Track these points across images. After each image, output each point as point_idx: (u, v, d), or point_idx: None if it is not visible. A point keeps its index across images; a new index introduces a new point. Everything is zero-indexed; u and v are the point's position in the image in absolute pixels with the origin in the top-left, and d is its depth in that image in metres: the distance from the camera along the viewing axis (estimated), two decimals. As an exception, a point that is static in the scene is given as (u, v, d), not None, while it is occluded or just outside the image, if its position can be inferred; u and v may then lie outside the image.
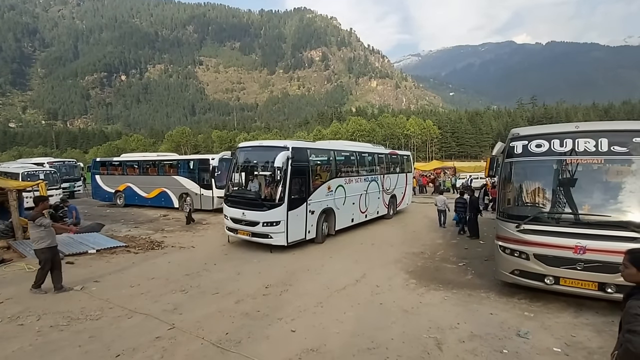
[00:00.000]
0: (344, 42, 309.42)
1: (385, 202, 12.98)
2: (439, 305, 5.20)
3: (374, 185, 12.02)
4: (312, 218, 8.83)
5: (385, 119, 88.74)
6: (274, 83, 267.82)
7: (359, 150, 11.79)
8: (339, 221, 10.02)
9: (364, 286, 6.08)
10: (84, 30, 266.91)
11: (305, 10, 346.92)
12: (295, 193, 8.28)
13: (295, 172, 8.19)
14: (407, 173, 15.00)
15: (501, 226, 5.44)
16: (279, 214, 7.95)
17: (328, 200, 9.48)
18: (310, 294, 5.64)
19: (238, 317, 4.68)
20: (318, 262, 7.67)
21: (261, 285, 6.02)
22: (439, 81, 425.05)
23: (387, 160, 13.49)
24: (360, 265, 7.41)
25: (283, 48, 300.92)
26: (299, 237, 8.47)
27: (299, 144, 9.16)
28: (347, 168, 10.80)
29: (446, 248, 8.97)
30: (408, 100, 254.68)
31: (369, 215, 11.76)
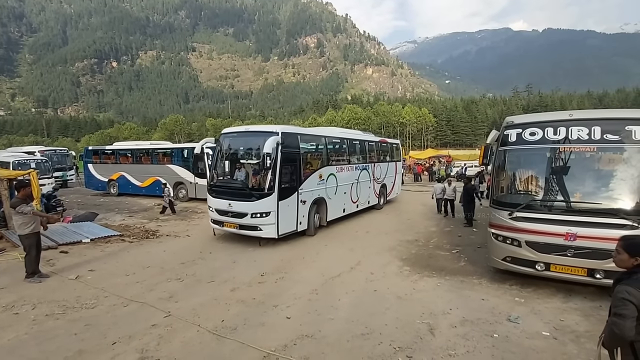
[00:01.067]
0: (339, 28, 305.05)
1: (376, 191, 12.68)
2: (432, 292, 5.28)
3: (365, 174, 11.67)
4: (304, 208, 8.42)
5: (381, 107, 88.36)
6: (268, 70, 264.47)
7: (350, 137, 11.37)
8: (330, 211, 9.65)
9: (359, 273, 6.14)
10: (73, 14, 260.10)
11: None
12: (286, 182, 7.83)
13: (286, 159, 7.70)
14: (396, 162, 14.74)
15: (494, 214, 5.49)
16: (268, 205, 7.46)
17: (319, 190, 9.08)
18: (305, 281, 5.69)
19: (234, 305, 4.72)
20: (313, 250, 7.72)
21: (257, 273, 6.06)
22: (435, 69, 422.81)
23: (378, 149, 13.10)
24: (355, 253, 7.47)
25: (278, 34, 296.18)
26: (290, 228, 8.03)
27: (289, 128, 8.54)
28: (338, 156, 10.44)
29: (440, 236, 9.07)
30: (404, 88, 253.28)
31: (360, 205, 11.47)
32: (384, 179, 13.22)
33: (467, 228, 9.85)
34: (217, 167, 8.51)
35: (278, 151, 7.45)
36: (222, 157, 8.48)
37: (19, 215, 5.55)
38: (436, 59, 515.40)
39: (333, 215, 9.86)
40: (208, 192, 8.42)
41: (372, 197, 12.33)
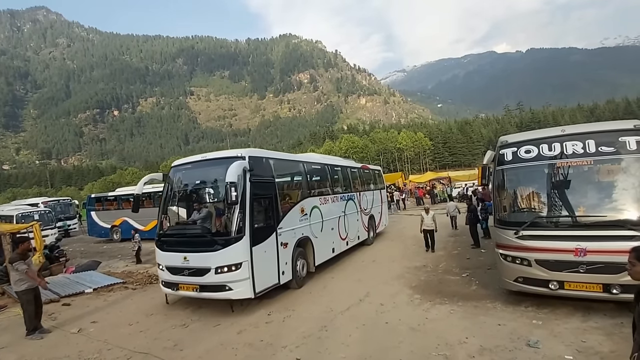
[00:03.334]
0: (330, 63, 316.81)
1: (364, 224, 11.21)
2: (446, 320, 5.10)
3: (352, 205, 10.30)
4: (286, 253, 6.72)
5: (377, 134, 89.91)
6: (264, 107, 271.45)
7: (330, 163, 9.97)
8: (318, 253, 7.97)
9: (368, 305, 5.96)
10: (75, 69, 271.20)
11: (291, 36, 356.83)
12: (260, 220, 6.19)
13: (258, 191, 6.13)
14: (380, 190, 13.63)
15: (499, 234, 5.42)
16: (239, 253, 5.62)
17: (303, 227, 7.47)
18: (313, 317, 5.52)
19: (241, 349, 4.54)
20: (320, 283, 7.54)
21: (263, 312, 5.90)
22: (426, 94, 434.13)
23: (361, 176, 11.86)
24: (363, 283, 7.30)
25: (272, 73, 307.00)
26: (270, 282, 6.22)
27: (258, 152, 6.88)
28: (320, 185, 9.00)
29: (448, 259, 8.89)
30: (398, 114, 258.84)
31: (350, 242, 9.91)
32: (371, 209, 11.90)
33: (475, 250, 9.68)
34: (167, 210, 6.69)
35: (246, 180, 5.86)
36: (173, 197, 6.83)
37: (15, 271, 5.49)
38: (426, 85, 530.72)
39: (321, 257, 8.23)
40: (156, 245, 6.49)
41: (361, 231, 10.89)
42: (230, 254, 5.64)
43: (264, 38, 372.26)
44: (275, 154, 7.54)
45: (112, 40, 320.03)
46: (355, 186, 10.93)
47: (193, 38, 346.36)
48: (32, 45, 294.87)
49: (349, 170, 10.88)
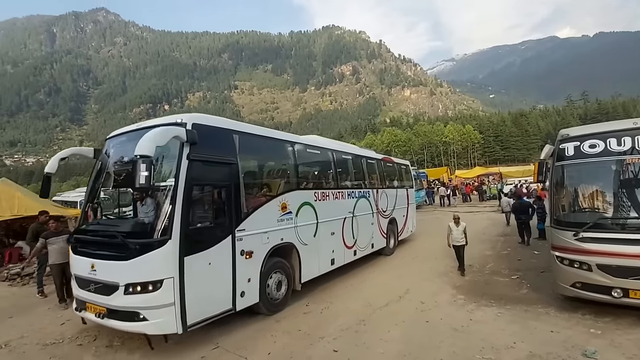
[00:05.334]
0: (374, 54, 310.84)
1: (382, 229, 9.14)
2: (492, 323, 4.83)
3: (365, 205, 8.30)
4: (249, 265, 4.95)
5: (421, 127, 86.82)
6: (306, 100, 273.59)
7: (336, 148, 7.83)
8: (307, 266, 6.16)
9: (408, 302, 5.83)
10: (131, 66, 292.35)
11: (334, 28, 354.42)
12: (204, 217, 4.52)
13: (203, 175, 4.44)
14: (407, 188, 11.47)
15: (557, 235, 5.01)
16: (158, 265, 3.92)
17: (284, 230, 5.66)
18: (352, 311, 5.51)
19: (280, 336, 4.66)
20: (358, 278, 7.51)
21: (302, 302, 5.98)
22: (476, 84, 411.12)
23: (381, 169, 9.73)
24: (402, 280, 7.15)
25: (314, 66, 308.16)
26: (215, 308, 4.44)
27: (212, 119, 4.92)
28: (317, 175, 7.21)
29: (497, 260, 8.42)
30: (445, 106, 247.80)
31: (359, 251, 7.96)
32: (392, 212, 9.81)
33: (527, 250, 9.06)
34: (95, 197, 5.02)
35: (182, 157, 4.17)
36: (103, 180, 5.00)
37: (49, 245, 6.22)
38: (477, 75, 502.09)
39: (312, 270, 6.36)
40: (69, 244, 4.98)
41: (377, 238, 8.88)
42: (145, 266, 3.90)
43: (306, 30, 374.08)
44: (243, 126, 5.47)
45: (164, 37, 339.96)
46: (371, 181, 9.03)
47: (238, 33, 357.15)
48: (94, 45, 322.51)
49: (364, 161, 8.91)
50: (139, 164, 3.55)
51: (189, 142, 4.24)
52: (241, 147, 5.07)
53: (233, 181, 4.84)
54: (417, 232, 12.15)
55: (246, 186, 5.15)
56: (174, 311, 3.92)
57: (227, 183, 4.77)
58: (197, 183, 4.37)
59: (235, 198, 4.83)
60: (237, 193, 4.88)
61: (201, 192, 4.55)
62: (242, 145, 5.11)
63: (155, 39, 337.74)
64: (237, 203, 4.85)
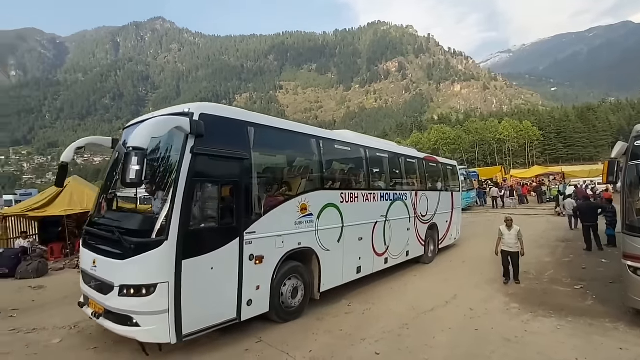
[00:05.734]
0: (421, 49, 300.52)
1: (420, 236, 8.40)
2: (550, 335, 4.45)
3: (400, 208, 7.61)
4: (259, 271, 4.57)
5: (472, 124, 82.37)
6: (350, 99, 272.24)
7: (369, 145, 7.14)
8: (328, 273, 5.66)
9: (456, 308, 5.57)
10: (184, 71, 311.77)
11: (380, 24, 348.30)
12: (208, 217, 4.18)
13: (209, 170, 4.11)
14: (452, 191, 10.45)
15: (630, 242, 4.47)
16: (153, 268, 3.68)
17: (302, 234, 5.22)
18: (394, 314, 5.38)
19: (321, 335, 4.68)
20: (401, 280, 7.33)
21: (343, 302, 5.95)
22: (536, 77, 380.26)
23: (422, 170, 8.94)
24: (449, 284, 6.85)
25: (358, 63, 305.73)
26: (217, 317, 4.11)
27: (221, 109, 4.54)
28: (346, 174, 6.64)
29: (557, 267, 7.74)
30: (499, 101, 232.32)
31: (391, 259, 7.34)
32: (433, 217, 9.01)
33: (594, 258, 8.21)
34: (106, 188, 4.86)
35: (185, 151, 3.87)
36: (116, 171, 4.77)
37: None
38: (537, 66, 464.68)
39: (334, 279, 5.88)
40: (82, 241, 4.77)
41: (413, 245, 8.18)
42: (139, 268, 3.68)
43: (351, 28, 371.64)
44: (259, 118, 5.03)
45: (214, 42, 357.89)
46: (410, 182, 8.39)
47: (284, 34, 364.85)
48: (152, 52, 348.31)
49: (402, 160, 8.20)
50: (130, 156, 3.27)
51: (194, 134, 3.88)
52: (256, 140, 4.68)
53: (244, 178, 4.43)
54: (466, 236, 11.55)
55: (260, 184, 4.79)
56: (168, 319, 3.62)
57: (237, 180, 4.36)
58: (202, 179, 4.03)
59: (245, 197, 4.43)
60: (249, 192, 4.49)
61: (206, 190, 4.15)
62: (258, 139, 4.70)
63: (206, 44, 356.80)
64: (247, 203, 4.45)
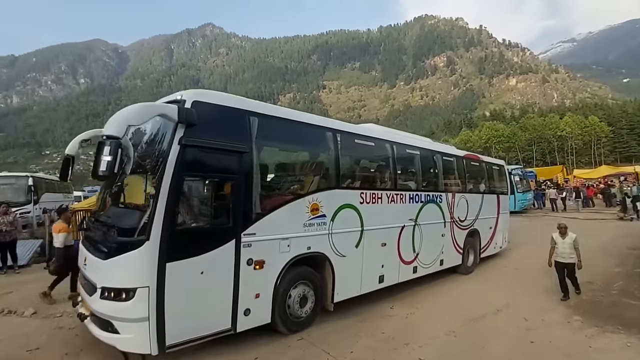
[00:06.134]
0: (472, 42, 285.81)
1: (457, 243, 7.57)
2: (619, 352, 4.02)
3: (433, 211, 6.86)
4: (258, 279, 4.12)
5: (529, 120, 76.59)
6: (394, 96, 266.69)
7: (398, 140, 6.38)
8: (343, 282, 5.13)
9: (508, 317, 5.21)
10: (231, 74, 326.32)
11: (427, 17, 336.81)
12: (197, 217, 3.80)
13: (200, 166, 3.74)
14: (499, 194, 9.42)
15: None
16: (132, 270, 3.36)
17: (313, 237, 4.70)
18: (440, 319, 5.16)
19: (363, 337, 4.62)
20: (448, 284, 7.01)
21: (385, 304, 5.83)
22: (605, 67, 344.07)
23: (462, 169, 8.02)
24: (501, 292, 6.44)
25: (404, 60, 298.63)
26: (205, 328, 3.73)
27: (222, 97, 4.08)
28: (369, 172, 6.11)
29: (628, 279, 6.94)
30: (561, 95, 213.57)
31: (421, 268, 6.62)
32: (473, 222, 8.12)
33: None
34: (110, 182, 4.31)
35: (173, 142, 3.50)
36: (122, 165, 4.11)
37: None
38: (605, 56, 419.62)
39: (351, 288, 5.34)
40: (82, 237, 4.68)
41: (449, 253, 7.36)
42: (118, 270, 3.41)
43: (396, 24, 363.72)
44: (264, 107, 4.50)
45: (259, 45, 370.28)
46: (447, 183, 7.48)
47: (327, 33, 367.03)
48: (202, 57, 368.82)
49: (438, 158, 7.27)
50: (102, 146, 3.00)
51: (183, 123, 3.50)
52: (259, 132, 4.19)
53: (244, 174, 3.97)
54: (521, 241, 10.77)
55: (262, 181, 4.35)
56: (148, 328, 3.27)
57: (235, 176, 3.93)
58: (192, 173, 3.67)
59: (244, 195, 3.98)
60: (248, 189, 4.02)
61: (197, 185, 3.80)
62: (261, 131, 4.21)
63: (252, 47, 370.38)
64: (247, 201, 4.00)
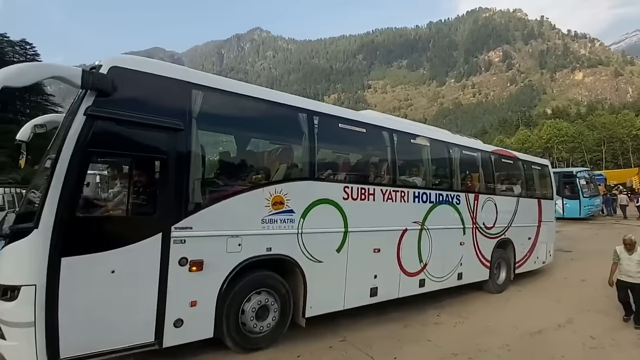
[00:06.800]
0: (532, 34, 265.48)
1: (481, 253, 6.44)
2: None
3: (447, 213, 5.86)
4: (195, 283, 3.44)
5: (598, 118, 68.94)
6: (444, 95, 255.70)
7: (399, 129, 5.46)
8: (319, 292, 4.31)
9: (571, 334, 4.75)
10: (277, 76, 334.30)
11: (481, 10, 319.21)
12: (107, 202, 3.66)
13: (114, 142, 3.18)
14: (541, 198, 8.07)
15: None
16: (17, 263, 2.86)
17: (273, 237, 3.94)
18: (492, 331, 4.83)
19: (407, 343, 4.44)
20: (501, 294, 6.55)
21: (431, 311, 5.59)
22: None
23: (488, 167, 6.89)
24: (563, 305, 5.90)
25: (454, 56, 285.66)
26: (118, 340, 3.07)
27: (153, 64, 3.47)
28: (359, 165, 5.30)
29: None
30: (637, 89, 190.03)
31: (431, 282, 5.63)
32: (504, 230, 6.93)
33: None
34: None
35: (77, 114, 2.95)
36: None
37: None
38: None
39: (329, 301, 4.51)
40: None
41: (470, 266, 6.22)
42: (4, 262, 2.90)
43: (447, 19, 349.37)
44: (212, 80, 3.78)
45: (305, 47, 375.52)
46: (467, 182, 6.49)
47: (373, 32, 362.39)
48: (250, 60, 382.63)
49: (454, 152, 6.20)
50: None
51: (90, 90, 2.97)
52: (204, 108, 3.59)
53: (176, 156, 3.36)
54: (587, 251, 9.76)
55: (205, 165, 3.78)
56: (35, 335, 2.69)
57: (164, 157, 3.34)
58: (101, 152, 3.18)
59: (177, 180, 3.36)
60: (183, 174, 3.40)
61: (109, 166, 3.38)
62: (207, 107, 3.63)
63: (297, 49, 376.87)
64: (180, 188, 3.38)
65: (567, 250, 10.65)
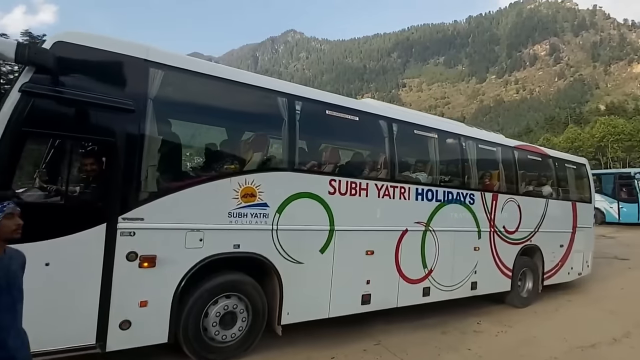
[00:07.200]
0: (583, 25, 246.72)
1: (501, 261, 5.79)
2: None
3: (458, 214, 5.29)
4: (147, 281, 3.14)
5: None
6: (484, 92, 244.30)
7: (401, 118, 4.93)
8: (298, 298, 3.91)
9: (629, 350, 4.40)
10: (310, 77, 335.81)
11: (525, 2, 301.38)
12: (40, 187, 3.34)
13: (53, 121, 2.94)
14: (575, 201, 7.21)
15: None
16: None
17: (242, 233, 3.56)
18: (538, 343, 4.57)
19: (444, 350, 4.30)
20: (549, 304, 6.17)
21: (471, 319, 5.37)
22: None
23: (511, 164, 6.19)
24: (619, 317, 5.47)
25: (496, 51, 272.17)
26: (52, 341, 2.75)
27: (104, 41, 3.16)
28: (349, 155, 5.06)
29: None
30: None
31: (437, 290, 5.07)
32: (530, 235, 6.24)
33: None
34: None
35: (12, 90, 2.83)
36: None
37: None
38: None
39: (310, 307, 4.07)
40: None
41: (487, 275, 5.59)
42: None
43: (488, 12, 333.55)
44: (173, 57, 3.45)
45: (338, 47, 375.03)
46: (484, 180, 5.83)
47: (409, 29, 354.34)
48: (284, 62, 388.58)
49: (468, 145, 5.59)
50: None
51: (25, 64, 2.79)
52: (163, 89, 3.32)
53: (126, 139, 3.10)
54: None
55: (161, 150, 3.40)
56: None
57: (111, 140, 3.07)
58: (38, 131, 2.93)
59: (126, 166, 3.09)
60: (134, 159, 3.11)
61: (46, 147, 3.21)
62: (167, 88, 3.38)
63: (330, 49, 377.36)
64: (129, 174, 3.10)
65: (624, 259, 9.89)
